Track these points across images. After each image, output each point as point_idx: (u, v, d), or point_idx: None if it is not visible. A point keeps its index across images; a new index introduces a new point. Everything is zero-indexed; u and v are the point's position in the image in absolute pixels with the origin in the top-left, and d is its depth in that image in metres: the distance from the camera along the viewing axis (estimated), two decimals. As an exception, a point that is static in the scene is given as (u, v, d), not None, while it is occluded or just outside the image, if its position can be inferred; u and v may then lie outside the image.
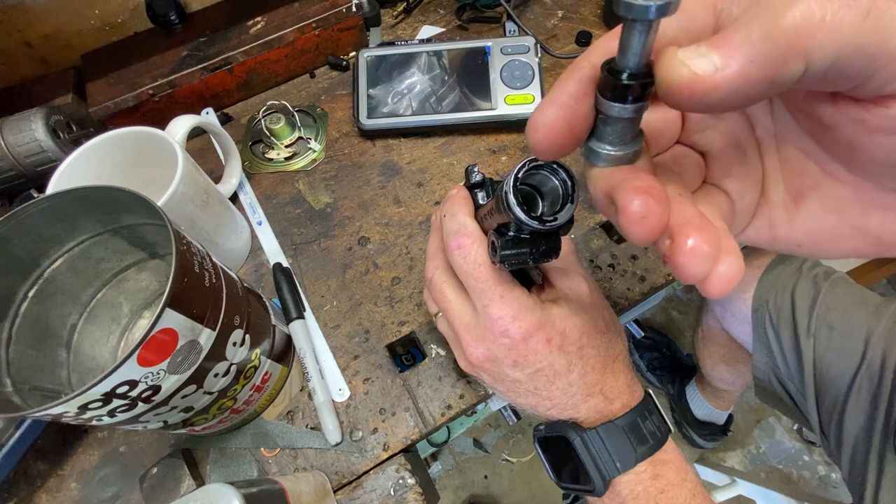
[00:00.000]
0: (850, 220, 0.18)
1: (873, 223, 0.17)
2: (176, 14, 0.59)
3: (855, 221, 0.17)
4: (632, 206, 0.15)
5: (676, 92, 0.14)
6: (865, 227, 0.17)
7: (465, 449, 1.22)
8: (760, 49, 0.12)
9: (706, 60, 0.13)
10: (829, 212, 0.18)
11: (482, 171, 0.32)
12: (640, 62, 0.15)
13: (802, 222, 0.19)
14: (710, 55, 0.13)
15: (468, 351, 0.31)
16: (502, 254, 0.26)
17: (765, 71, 0.13)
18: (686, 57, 0.13)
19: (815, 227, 0.19)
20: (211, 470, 0.41)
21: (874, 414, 0.49)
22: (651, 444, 0.30)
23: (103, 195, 0.33)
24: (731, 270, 0.16)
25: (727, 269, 0.16)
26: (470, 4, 0.64)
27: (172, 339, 0.28)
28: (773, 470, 1.15)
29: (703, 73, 0.13)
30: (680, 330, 1.32)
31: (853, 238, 0.18)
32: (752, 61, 0.13)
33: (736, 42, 0.13)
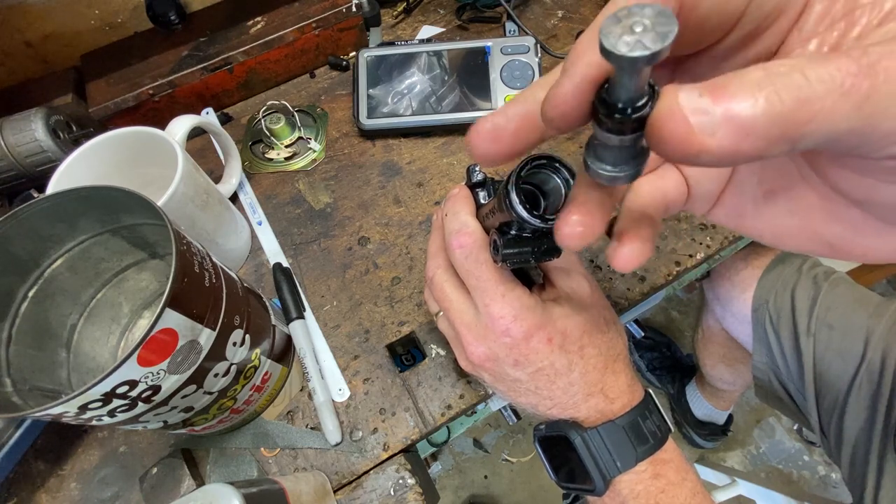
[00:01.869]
0: (812, 226, 0.18)
1: (831, 232, 0.18)
2: (176, 14, 0.59)
3: (816, 227, 0.18)
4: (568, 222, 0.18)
5: (670, 143, 0.13)
6: (823, 234, 0.18)
7: (465, 449, 1.22)
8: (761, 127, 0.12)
9: (707, 120, 0.12)
10: (793, 215, 0.19)
11: (483, 171, 0.32)
12: (637, 96, 0.14)
13: (769, 218, 0.20)
14: (711, 113, 0.12)
15: (469, 350, 0.31)
16: (504, 252, 0.26)
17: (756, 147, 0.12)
18: (688, 106, 0.12)
19: (779, 224, 0.20)
20: (211, 470, 0.41)
21: (874, 414, 0.49)
22: (651, 443, 0.30)
23: (103, 195, 0.33)
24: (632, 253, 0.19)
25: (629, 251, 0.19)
26: (470, 4, 0.64)
27: (172, 339, 0.28)
28: (773, 470, 1.15)
29: (699, 134, 0.12)
30: (680, 330, 1.32)
31: (809, 241, 0.19)
32: (749, 135, 0.12)
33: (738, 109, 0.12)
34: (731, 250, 0.66)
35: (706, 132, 0.12)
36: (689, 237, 0.48)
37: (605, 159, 0.16)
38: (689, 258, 0.47)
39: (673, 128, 0.12)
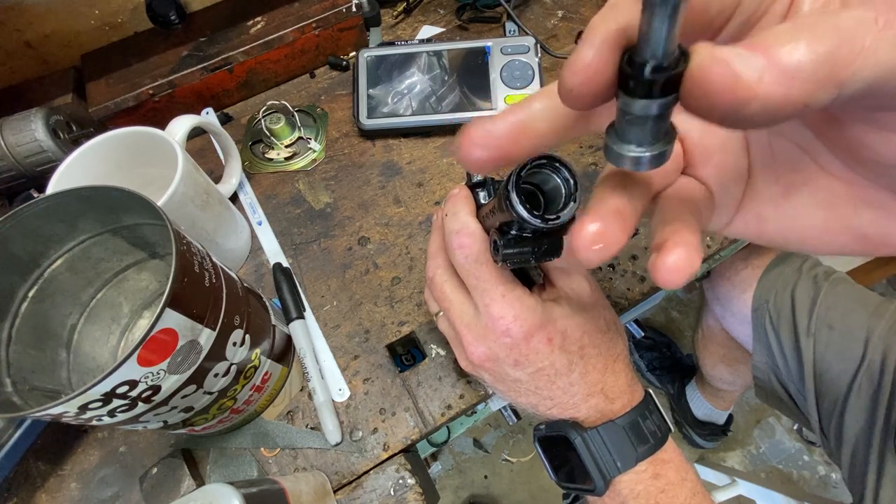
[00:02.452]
0: (841, 216, 0.17)
1: (863, 220, 0.17)
2: (176, 14, 0.59)
3: (845, 218, 0.17)
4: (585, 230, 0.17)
5: (714, 94, 0.12)
6: (855, 223, 0.17)
7: (465, 449, 1.22)
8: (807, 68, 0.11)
9: (750, 65, 0.11)
10: (819, 207, 0.18)
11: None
12: (669, 50, 0.13)
13: (792, 217, 0.19)
14: (753, 59, 0.11)
15: (469, 350, 0.31)
16: (504, 253, 0.26)
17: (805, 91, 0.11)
18: (727, 56, 0.11)
19: (804, 222, 0.18)
20: (211, 470, 0.41)
21: (874, 414, 0.49)
22: (651, 443, 0.30)
23: (103, 195, 0.33)
24: (679, 261, 0.16)
25: (675, 260, 0.16)
26: (470, 4, 0.64)
27: (172, 339, 0.28)
28: (773, 470, 1.15)
29: (747, 79, 0.11)
30: (680, 330, 1.32)
31: (841, 234, 0.17)
32: (795, 78, 0.11)
33: (780, 54, 0.11)
34: (731, 250, 0.66)
35: (753, 78, 0.11)
36: (689, 237, 0.48)
37: (630, 137, 0.15)
38: (689, 258, 0.47)
39: (717, 76, 0.12)
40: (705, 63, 0.12)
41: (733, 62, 0.11)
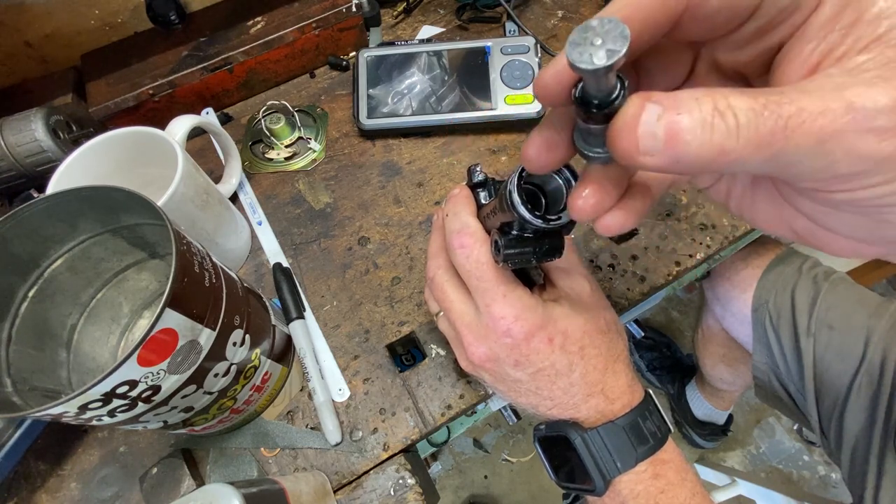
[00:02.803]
0: (783, 215, 0.21)
1: (797, 223, 0.20)
2: (176, 14, 0.59)
3: (786, 217, 0.21)
4: None
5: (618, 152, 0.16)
6: (792, 224, 0.21)
7: (465, 449, 1.22)
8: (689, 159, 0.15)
9: (652, 145, 0.15)
10: (771, 202, 0.21)
11: (484, 171, 0.32)
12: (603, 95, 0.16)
13: (751, 201, 0.23)
14: (658, 139, 0.15)
15: (470, 350, 0.31)
16: (505, 253, 0.26)
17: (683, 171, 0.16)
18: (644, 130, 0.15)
19: (758, 208, 0.22)
20: (211, 470, 0.41)
21: (874, 414, 0.49)
22: (651, 443, 0.30)
23: (103, 195, 0.33)
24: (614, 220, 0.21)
25: (611, 219, 0.21)
26: (470, 4, 0.64)
27: (172, 339, 0.28)
28: (773, 470, 1.15)
29: (643, 154, 0.15)
30: (680, 330, 1.32)
31: (780, 227, 0.21)
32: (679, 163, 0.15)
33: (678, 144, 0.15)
34: (731, 250, 0.66)
35: (648, 153, 0.15)
36: (689, 237, 0.48)
37: (588, 141, 0.19)
38: (689, 258, 0.47)
39: (624, 144, 0.16)
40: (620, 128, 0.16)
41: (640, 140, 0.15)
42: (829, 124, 0.14)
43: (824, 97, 0.14)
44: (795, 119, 0.14)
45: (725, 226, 0.48)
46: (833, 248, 0.20)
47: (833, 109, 0.14)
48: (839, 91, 0.14)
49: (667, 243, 0.48)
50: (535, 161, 0.21)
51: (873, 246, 0.19)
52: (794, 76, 0.17)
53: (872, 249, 0.19)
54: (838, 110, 0.14)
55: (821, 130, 0.14)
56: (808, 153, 0.14)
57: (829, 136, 0.14)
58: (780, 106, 0.14)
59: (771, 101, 0.14)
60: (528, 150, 0.21)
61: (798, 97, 0.14)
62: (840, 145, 0.14)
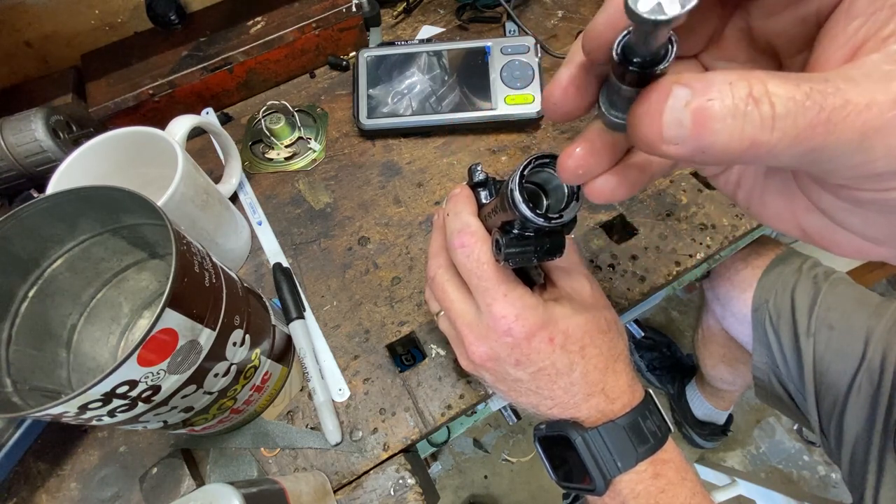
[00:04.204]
0: (794, 210, 0.20)
1: (808, 221, 0.19)
2: (176, 14, 0.59)
3: (797, 213, 0.20)
4: None
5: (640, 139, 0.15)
6: (801, 221, 0.20)
7: (465, 449, 1.22)
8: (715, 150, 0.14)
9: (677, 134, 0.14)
10: (782, 196, 0.20)
11: (485, 171, 0.32)
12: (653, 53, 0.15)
13: (760, 193, 0.21)
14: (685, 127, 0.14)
15: (470, 350, 0.31)
16: (506, 252, 0.26)
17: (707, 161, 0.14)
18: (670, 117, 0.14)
19: (767, 202, 0.21)
20: (211, 470, 0.41)
21: (874, 414, 0.49)
22: (652, 443, 0.30)
23: (103, 195, 0.33)
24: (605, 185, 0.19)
25: (602, 183, 0.19)
26: (470, 4, 0.64)
27: (172, 339, 0.28)
28: (773, 470, 1.15)
29: (667, 142, 0.14)
30: (680, 330, 1.32)
31: (789, 223, 0.20)
32: (704, 153, 0.14)
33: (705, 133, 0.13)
34: (731, 250, 0.66)
35: (672, 141, 0.14)
36: (689, 237, 0.48)
37: (613, 103, 0.17)
38: (689, 258, 0.47)
39: (646, 131, 0.15)
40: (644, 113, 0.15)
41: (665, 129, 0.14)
42: (874, 119, 0.13)
43: (871, 88, 0.13)
44: (840, 112, 0.13)
45: (725, 226, 0.48)
46: (841, 247, 0.19)
47: (879, 103, 0.13)
48: (887, 82, 0.13)
49: (667, 243, 0.48)
50: (561, 103, 0.19)
51: (883, 247, 0.18)
52: (836, 56, 0.15)
53: (881, 251, 0.18)
54: (885, 104, 0.13)
55: (864, 125, 0.13)
56: (848, 149, 0.13)
57: (872, 132, 0.13)
58: (824, 96, 0.13)
59: (815, 89, 0.13)
60: (554, 90, 0.19)
61: (845, 87, 0.13)
62: (883, 142, 0.13)
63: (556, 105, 0.19)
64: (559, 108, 0.19)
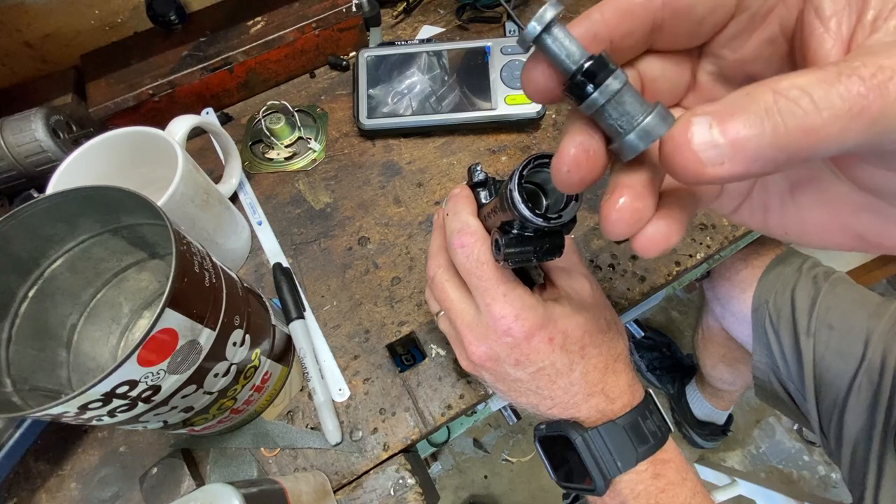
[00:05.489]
0: (840, 217, 0.18)
1: (861, 222, 0.17)
2: (176, 14, 0.59)
3: (844, 218, 0.18)
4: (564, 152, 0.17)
5: (681, 174, 0.14)
6: (853, 225, 0.18)
7: (465, 449, 1.22)
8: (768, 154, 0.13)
9: (716, 153, 0.13)
10: (821, 205, 0.18)
11: (484, 171, 0.32)
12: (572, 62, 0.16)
13: (795, 212, 0.19)
14: (721, 144, 0.13)
15: (470, 350, 0.31)
16: (506, 252, 0.26)
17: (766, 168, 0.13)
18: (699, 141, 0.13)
19: (806, 219, 0.19)
20: (211, 470, 0.41)
21: (874, 414, 0.49)
22: (652, 443, 0.30)
23: (103, 195, 0.33)
24: (657, 233, 0.17)
25: (654, 231, 0.17)
26: (470, 4, 0.64)
27: (172, 339, 0.28)
28: (773, 470, 1.15)
29: (709, 165, 0.13)
30: (680, 330, 1.32)
31: (839, 233, 0.18)
32: (757, 160, 0.13)
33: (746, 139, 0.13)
34: (731, 250, 0.66)
35: (715, 163, 0.13)
36: (689, 237, 0.48)
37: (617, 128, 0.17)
38: (689, 258, 0.47)
39: (683, 163, 0.13)
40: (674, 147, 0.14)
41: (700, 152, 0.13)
42: None
43: None
44: (881, 76, 0.12)
45: (725, 226, 0.48)
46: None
47: None
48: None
49: (667, 243, 0.48)
50: (575, 174, 0.17)
51: None
52: (832, 54, 0.15)
53: None
54: None
55: None
56: None
57: None
58: (855, 69, 0.12)
59: (842, 68, 0.12)
60: (561, 165, 0.17)
61: (870, 59, 0.12)
62: None
63: (571, 173, 0.17)
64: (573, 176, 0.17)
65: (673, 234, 0.17)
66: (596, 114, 0.17)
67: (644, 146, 0.16)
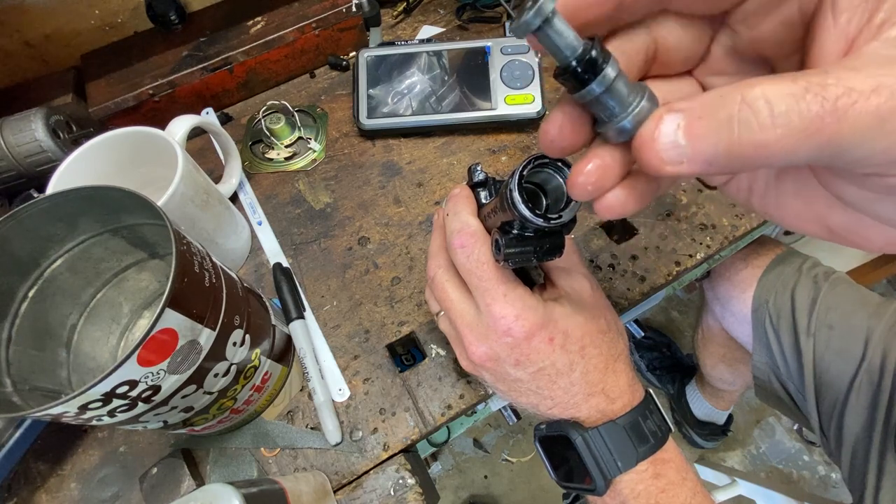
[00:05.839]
0: (815, 208, 0.19)
1: (833, 218, 0.18)
2: (176, 14, 0.59)
3: (818, 210, 0.19)
4: None
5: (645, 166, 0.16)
6: (825, 218, 0.19)
7: (465, 449, 1.21)
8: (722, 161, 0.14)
9: (677, 154, 0.15)
10: (800, 195, 0.19)
11: (484, 171, 0.32)
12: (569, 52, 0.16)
13: (776, 196, 0.21)
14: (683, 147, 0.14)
15: (470, 350, 0.31)
16: (506, 252, 0.26)
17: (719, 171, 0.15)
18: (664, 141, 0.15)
19: (785, 204, 0.20)
20: (211, 470, 0.41)
21: (874, 414, 0.49)
22: (652, 443, 0.30)
23: (103, 195, 0.33)
24: (616, 200, 0.19)
25: (613, 198, 0.19)
26: (470, 4, 0.64)
27: (172, 339, 0.28)
28: (773, 470, 1.15)
29: (669, 163, 0.15)
30: (680, 330, 1.32)
31: (812, 223, 0.19)
32: (711, 165, 0.14)
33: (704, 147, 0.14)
34: (731, 250, 0.66)
35: (675, 162, 0.15)
36: (689, 237, 0.48)
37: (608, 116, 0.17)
38: (689, 258, 0.47)
39: (648, 158, 0.15)
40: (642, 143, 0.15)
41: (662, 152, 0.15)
42: (886, 101, 0.12)
43: (876, 73, 0.13)
44: (845, 100, 0.12)
45: (725, 226, 0.48)
46: (872, 242, 0.18)
47: (888, 85, 0.12)
48: (891, 65, 0.13)
49: (667, 243, 0.48)
50: (558, 141, 0.19)
51: None
52: (833, 51, 0.15)
53: None
54: (893, 86, 0.12)
55: (878, 109, 0.12)
56: (868, 135, 0.13)
57: (889, 114, 0.12)
58: (825, 87, 0.13)
59: (814, 82, 0.13)
60: (550, 128, 0.19)
61: (846, 76, 0.13)
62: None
63: (554, 142, 0.19)
64: (556, 144, 0.19)
65: (630, 203, 0.19)
66: (591, 101, 0.17)
67: (635, 132, 0.17)
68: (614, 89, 0.17)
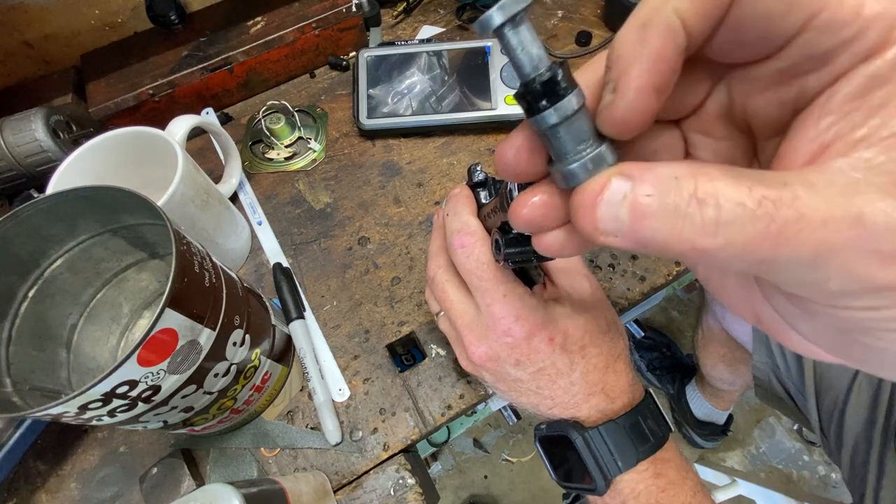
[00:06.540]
0: (749, 296, 0.19)
1: (763, 312, 0.18)
2: (176, 14, 0.59)
3: (753, 302, 0.19)
4: None
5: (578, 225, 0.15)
6: (756, 308, 0.19)
7: (465, 449, 1.21)
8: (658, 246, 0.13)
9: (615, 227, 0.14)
10: (740, 283, 0.19)
11: (484, 171, 0.32)
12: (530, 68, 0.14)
13: (719, 278, 0.20)
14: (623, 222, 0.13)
15: (470, 350, 0.31)
16: (506, 252, 0.26)
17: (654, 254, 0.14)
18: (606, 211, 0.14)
19: (725, 285, 0.20)
20: (211, 470, 0.41)
21: (874, 414, 0.49)
22: (652, 442, 0.30)
23: (103, 195, 0.33)
24: (555, 241, 0.18)
25: (552, 239, 0.18)
26: (470, 4, 0.64)
27: (172, 339, 0.28)
28: (773, 470, 1.15)
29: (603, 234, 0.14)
30: (680, 330, 1.32)
31: (744, 308, 0.19)
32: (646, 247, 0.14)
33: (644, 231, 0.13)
34: (731, 250, 0.66)
35: (609, 234, 0.14)
36: (690, 237, 0.48)
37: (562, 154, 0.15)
38: (690, 258, 0.47)
39: (583, 221, 0.14)
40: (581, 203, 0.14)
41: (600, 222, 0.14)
42: (830, 237, 0.12)
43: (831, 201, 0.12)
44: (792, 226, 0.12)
45: (725, 226, 0.48)
46: (793, 345, 0.18)
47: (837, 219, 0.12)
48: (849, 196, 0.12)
49: (667, 243, 0.48)
50: (512, 165, 0.18)
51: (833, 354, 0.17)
52: (803, 151, 0.14)
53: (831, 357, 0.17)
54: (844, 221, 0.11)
55: (819, 243, 0.12)
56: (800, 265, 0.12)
57: (826, 251, 0.12)
58: (778, 207, 0.12)
59: (768, 198, 0.12)
60: (506, 151, 0.17)
61: (803, 195, 0.12)
62: (837, 262, 0.12)
63: (508, 166, 0.18)
64: (510, 168, 0.18)
65: (569, 248, 0.18)
66: (543, 132, 0.15)
67: (584, 179, 0.15)
68: (572, 125, 0.15)
